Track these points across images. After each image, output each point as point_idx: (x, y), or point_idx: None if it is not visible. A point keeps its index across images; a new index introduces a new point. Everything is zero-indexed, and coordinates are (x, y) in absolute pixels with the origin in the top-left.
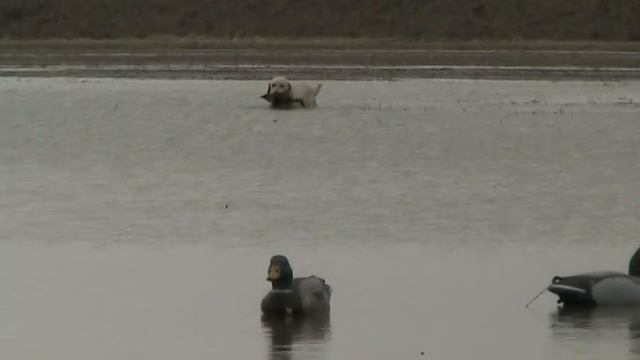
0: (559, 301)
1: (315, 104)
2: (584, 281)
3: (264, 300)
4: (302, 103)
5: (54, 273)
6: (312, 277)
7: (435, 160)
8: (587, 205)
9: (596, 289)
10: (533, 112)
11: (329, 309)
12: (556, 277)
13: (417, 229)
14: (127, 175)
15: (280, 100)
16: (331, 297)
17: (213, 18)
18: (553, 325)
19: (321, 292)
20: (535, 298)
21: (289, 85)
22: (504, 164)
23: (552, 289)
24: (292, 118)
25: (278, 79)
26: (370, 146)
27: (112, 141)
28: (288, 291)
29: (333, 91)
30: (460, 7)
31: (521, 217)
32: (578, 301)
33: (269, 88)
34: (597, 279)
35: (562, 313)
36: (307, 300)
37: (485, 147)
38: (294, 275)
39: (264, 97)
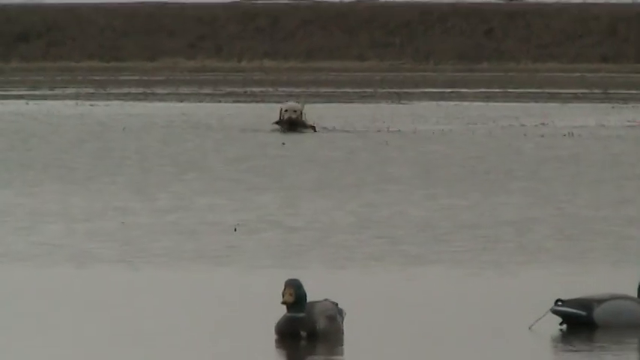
0: (561, 323)
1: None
2: (585, 304)
3: (278, 323)
4: (314, 128)
5: (74, 294)
6: (326, 300)
7: (451, 182)
8: (606, 226)
9: (598, 312)
10: (542, 135)
11: (342, 332)
12: (558, 300)
13: (437, 251)
14: (147, 197)
15: (294, 125)
16: (345, 320)
17: (222, 41)
18: (557, 347)
19: (335, 315)
20: (538, 320)
21: (301, 110)
22: (520, 187)
23: (554, 312)
24: (300, 141)
25: (290, 104)
26: (383, 169)
27: (127, 164)
28: (302, 314)
29: (341, 114)
30: (470, 30)
31: (543, 239)
32: (579, 323)
33: (281, 113)
34: (599, 301)
35: (565, 335)
36: (321, 323)
37: (498, 169)
38: (308, 299)
39: (277, 122)
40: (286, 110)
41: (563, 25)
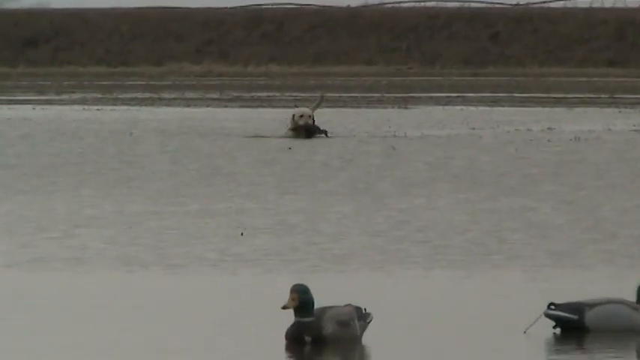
0: (554, 327)
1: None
2: (577, 308)
3: (287, 329)
4: (326, 134)
5: (77, 301)
6: (348, 305)
7: (474, 186)
8: (632, 231)
9: (589, 316)
10: (549, 140)
11: (358, 337)
12: (551, 303)
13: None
14: (172, 202)
15: (311, 131)
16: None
17: (229, 46)
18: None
19: (348, 320)
20: (532, 324)
21: (312, 116)
22: (545, 191)
23: (547, 315)
24: (304, 146)
25: (303, 110)
26: (393, 173)
27: (142, 170)
28: (308, 319)
29: (348, 119)
30: (476, 35)
31: (571, 243)
32: (571, 327)
33: (293, 119)
34: (591, 305)
35: (560, 339)
36: (328, 328)
37: (515, 173)
38: (329, 303)
39: (294, 129)
40: (301, 116)
41: (569, 30)
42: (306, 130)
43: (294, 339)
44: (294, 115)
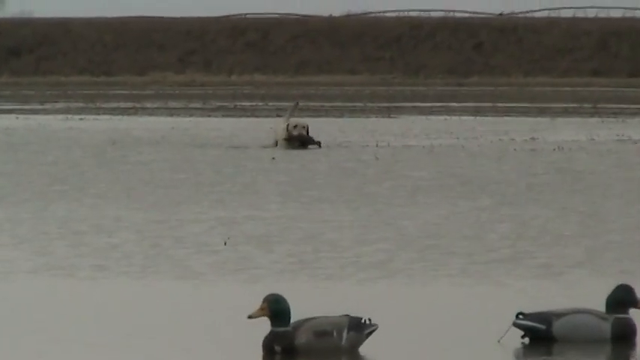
0: (523, 337)
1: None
2: (545, 317)
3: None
4: (319, 144)
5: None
6: (345, 315)
7: (467, 195)
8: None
9: (557, 326)
10: (532, 149)
11: (345, 348)
12: (520, 313)
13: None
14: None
15: (304, 141)
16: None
17: (212, 55)
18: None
19: (329, 330)
20: (505, 333)
21: (307, 126)
22: (541, 200)
23: (516, 325)
24: (288, 156)
25: (298, 120)
26: (380, 183)
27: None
28: (281, 329)
29: (331, 129)
30: (460, 45)
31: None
32: (539, 337)
33: (287, 129)
34: (559, 315)
35: (529, 347)
36: (301, 339)
37: (508, 183)
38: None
39: (287, 139)
40: (295, 126)
41: (553, 40)
42: (300, 141)
43: (266, 348)
44: (288, 125)
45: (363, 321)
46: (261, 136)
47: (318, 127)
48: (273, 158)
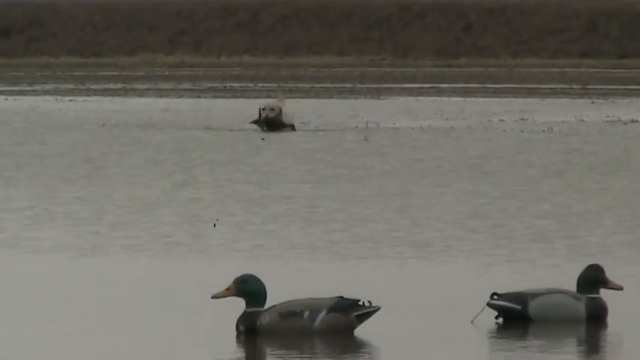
0: (497, 317)
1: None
2: (521, 298)
3: None
4: (293, 127)
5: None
6: (336, 297)
7: (457, 178)
8: None
9: (532, 306)
10: (522, 130)
11: (313, 330)
12: (494, 293)
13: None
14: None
15: (272, 124)
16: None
17: (202, 36)
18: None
19: (296, 312)
20: (478, 314)
21: (280, 108)
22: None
23: (490, 305)
24: (278, 137)
25: (268, 102)
26: (370, 163)
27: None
28: (250, 309)
29: (321, 110)
30: (449, 26)
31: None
32: (515, 317)
33: (259, 112)
34: (534, 295)
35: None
36: (265, 319)
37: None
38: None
39: (255, 122)
40: (263, 109)
41: (542, 21)
42: (267, 124)
43: (236, 329)
44: (259, 108)
45: (361, 303)
46: (248, 121)
47: (306, 108)
48: (263, 139)
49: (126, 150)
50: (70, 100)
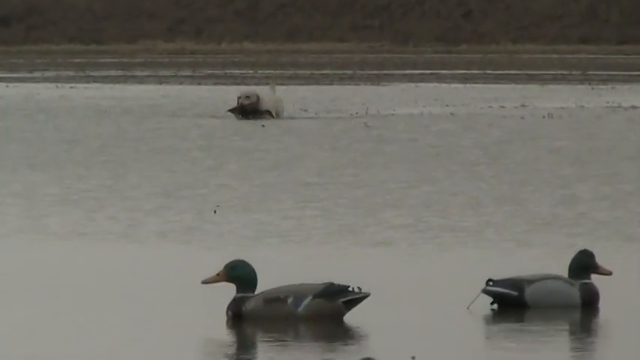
0: (492, 303)
1: (282, 113)
2: (517, 284)
3: None
4: (271, 114)
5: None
6: (325, 283)
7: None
8: None
9: (529, 292)
10: (522, 117)
11: (297, 316)
12: (489, 279)
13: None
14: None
15: (247, 112)
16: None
17: (202, 23)
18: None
19: (280, 298)
20: (474, 300)
21: (257, 95)
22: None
23: (486, 292)
24: (275, 124)
25: (244, 89)
26: (373, 150)
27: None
28: (239, 295)
29: (321, 97)
30: (448, 12)
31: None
32: (510, 303)
33: (237, 100)
34: (530, 281)
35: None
36: (250, 305)
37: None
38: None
39: (232, 110)
40: (239, 97)
41: (542, 7)
42: (241, 112)
43: (226, 314)
44: (237, 96)
45: (351, 289)
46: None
47: (307, 94)
48: (263, 126)
49: (133, 137)
50: (71, 87)
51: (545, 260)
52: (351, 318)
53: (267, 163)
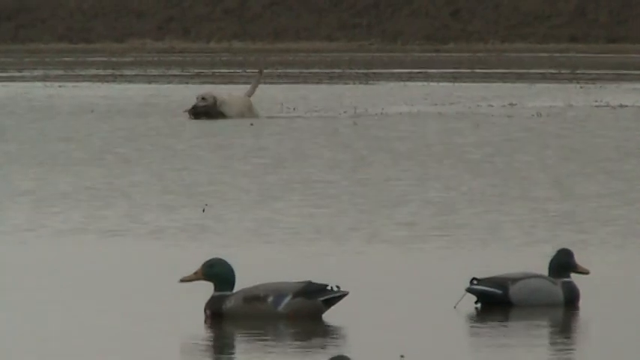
0: (476, 302)
1: (257, 113)
2: (501, 282)
3: None
4: (224, 115)
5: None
6: (304, 282)
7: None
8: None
9: (513, 290)
10: (510, 116)
11: (277, 314)
12: (474, 278)
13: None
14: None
15: (199, 113)
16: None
17: (191, 22)
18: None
19: (260, 296)
20: (460, 299)
21: (214, 97)
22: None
23: (470, 290)
24: (262, 122)
25: (203, 91)
26: (360, 148)
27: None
28: (217, 293)
29: (309, 96)
30: (437, 11)
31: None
32: (495, 302)
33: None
34: (514, 280)
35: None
36: (229, 303)
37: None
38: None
39: (186, 110)
40: (196, 98)
41: (530, 6)
42: (194, 113)
43: (204, 312)
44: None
45: (329, 288)
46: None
47: (295, 93)
48: (252, 124)
49: (123, 135)
50: (60, 86)
51: (533, 259)
52: (336, 316)
53: (256, 162)
